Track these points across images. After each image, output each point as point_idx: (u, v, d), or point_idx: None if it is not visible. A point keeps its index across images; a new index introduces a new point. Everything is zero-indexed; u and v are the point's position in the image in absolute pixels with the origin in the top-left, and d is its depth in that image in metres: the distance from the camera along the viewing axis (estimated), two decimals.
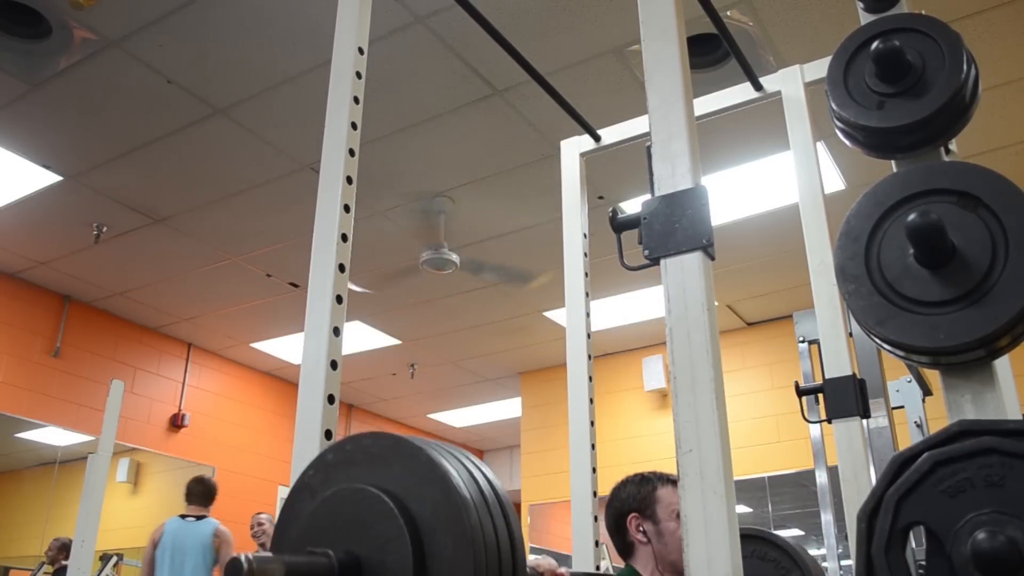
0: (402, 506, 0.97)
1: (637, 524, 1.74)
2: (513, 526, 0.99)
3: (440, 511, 0.95)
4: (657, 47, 1.24)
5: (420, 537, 0.95)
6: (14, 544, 6.49)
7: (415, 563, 0.93)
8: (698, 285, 1.09)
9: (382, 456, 1.02)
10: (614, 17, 3.43)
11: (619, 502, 1.79)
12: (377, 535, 0.97)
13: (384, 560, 0.96)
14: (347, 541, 0.99)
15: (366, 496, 0.99)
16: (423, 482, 0.97)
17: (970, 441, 0.91)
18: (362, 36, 1.75)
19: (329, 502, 1.03)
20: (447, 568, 0.93)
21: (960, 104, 1.21)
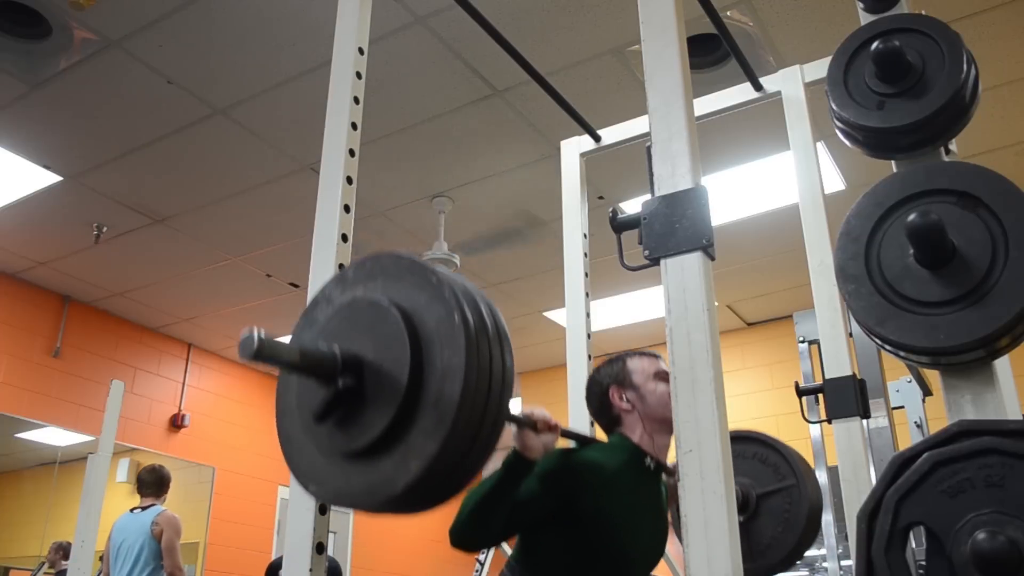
0: (407, 318, 1.05)
1: (619, 394, 1.82)
2: (507, 356, 1.08)
3: (442, 326, 1.03)
4: (657, 47, 1.24)
5: (420, 345, 1.03)
6: (14, 544, 6.48)
7: (412, 366, 1.02)
8: (698, 285, 1.09)
9: (397, 273, 1.11)
10: (614, 17, 3.43)
11: (597, 384, 1.87)
12: (381, 339, 1.06)
13: (384, 361, 1.05)
14: (354, 342, 1.08)
15: (377, 306, 1.08)
16: (431, 300, 1.05)
17: (970, 441, 0.91)
18: (362, 36, 1.75)
19: (343, 310, 1.13)
20: (440, 376, 1.01)
21: (960, 104, 1.21)
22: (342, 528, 7.63)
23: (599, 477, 1.68)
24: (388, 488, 1.02)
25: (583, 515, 1.64)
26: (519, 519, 1.61)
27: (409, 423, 1.02)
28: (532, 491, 1.60)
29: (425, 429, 1.00)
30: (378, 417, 1.04)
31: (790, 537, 2.12)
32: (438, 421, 0.99)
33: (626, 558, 1.69)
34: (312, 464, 1.12)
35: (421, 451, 1.00)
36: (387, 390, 1.04)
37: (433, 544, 8.44)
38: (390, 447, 1.03)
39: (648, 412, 1.79)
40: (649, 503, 1.78)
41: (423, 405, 1.01)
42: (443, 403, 0.99)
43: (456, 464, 1.02)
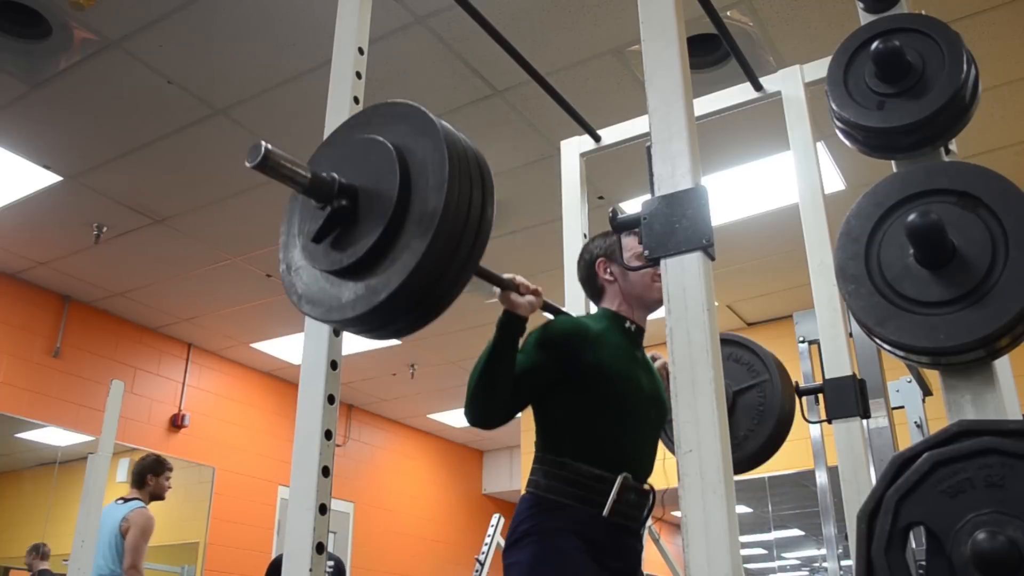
0: (399, 151, 1.20)
1: (605, 267, 1.93)
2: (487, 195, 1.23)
3: (428, 157, 1.18)
4: (657, 47, 1.24)
5: (409, 174, 1.19)
6: (14, 544, 6.48)
7: (400, 190, 1.17)
8: (698, 285, 1.09)
9: (395, 116, 1.27)
10: (614, 17, 3.43)
11: (588, 253, 1.98)
12: (375, 169, 1.22)
13: (376, 188, 1.20)
14: (353, 173, 1.24)
15: (372, 143, 1.24)
16: (421, 135, 1.21)
17: (970, 441, 0.91)
18: (362, 36, 1.75)
19: (345, 149, 1.29)
20: (423, 202, 1.16)
21: (960, 104, 1.21)
22: (342, 528, 7.64)
23: (588, 335, 1.78)
24: (373, 298, 1.15)
25: (583, 370, 1.73)
26: (526, 387, 1.70)
27: (394, 241, 1.16)
28: (532, 358, 1.72)
29: (408, 244, 1.14)
30: (367, 234, 1.18)
31: (764, 428, 2.25)
32: (420, 237, 1.13)
33: (629, 403, 1.77)
34: (308, 285, 1.26)
35: (403, 264, 1.13)
36: (376, 211, 1.18)
37: (433, 544, 8.45)
38: (377, 262, 1.17)
39: (627, 288, 1.89)
40: (639, 361, 1.87)
41: (408, 225, 1.15)
42: (425, 221, 1.13)
43: (435, 278, 1.16)
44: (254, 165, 1.12)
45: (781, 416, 2.26)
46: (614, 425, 1.74)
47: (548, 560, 1.62)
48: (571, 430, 1.73)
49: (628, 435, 1.76)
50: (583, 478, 1.69)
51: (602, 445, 1.72)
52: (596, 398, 1.73)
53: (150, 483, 4.34)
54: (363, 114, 1.34)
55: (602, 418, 1.73)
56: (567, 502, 1.67)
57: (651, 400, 1.83)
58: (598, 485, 1.68)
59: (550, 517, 1.67)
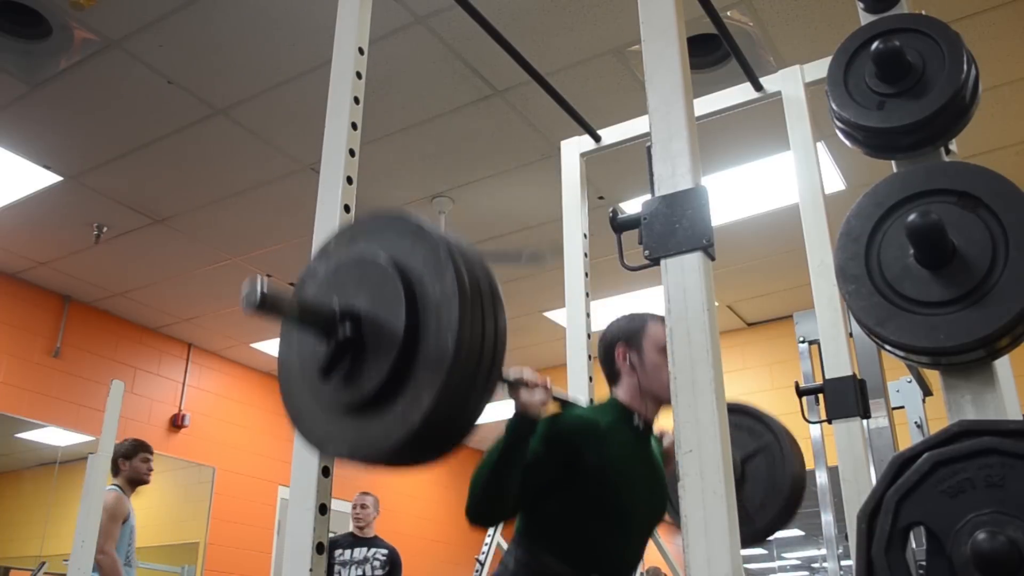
0: (404, 273, 1.11)
1: (623, 353, 1.84)
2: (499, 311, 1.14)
3: (429, 262, 1.10)
4: (657, 47, 1.24)
5: (416, 300, 1.09)
6: (14, 544, 6.48)
7: (407, 320, 1.07)
8: (698, 285, 1.09)
9: (381, 228, 1.19)
10: (614, 17, 3.43)
11: (610, 334, 1.89)
12: (374, 286, 1.12)
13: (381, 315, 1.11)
14: (352, 296, 1.14)
15: (374, 262, 1.15)
16: (414, 243, 1.13)
17: (970, 441, 0.91)
18: (362, 36, 1.75)
19: (342, 265, 1.20)
20: (435, 328, 1.06)
21: (960, 104, 1.21)
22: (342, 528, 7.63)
23: (594, 432, 1.71)
24: (387, 440, 1.06)
25: (584, 471, 1.67)
26: (529, 484, 1.63)
27: (406, 375, 1.06)
28: (536, 454, 1.63)
29: (422, 381, 1.05)
30: (376, 370, 1.08)
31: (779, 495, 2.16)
32: (434, 373, 1.04)
33: (627, 511, 1.72)
34: (315, 421, 1.17)
35: (418, 403, 1.04)
36: (384, 342, 1.08)
37: (433, 544, 8.44)
38: (389, 400, 1.07)
39: (645, 383, 1.81)
40: (643, 457, 1.81)
41: (420, 358, 1.06)
42: (439, 355, 1.04)
43: (454, 414, 1.07)
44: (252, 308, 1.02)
45: (795, 481, 2.16)
46: (605, 531, 1.69)
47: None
48: (560, 527, 1.69)
49: (617, 538, 1.71)
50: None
51: (586, 548, 1.68)
52: (593, 501, 1.68)
53: (124, 468, 4.18)
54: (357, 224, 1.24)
55: (595, 522, 1.68)
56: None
57: (651, 500, 1.79)
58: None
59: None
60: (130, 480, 4.22)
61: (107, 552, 3.90)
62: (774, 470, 2.17)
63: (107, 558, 3.89)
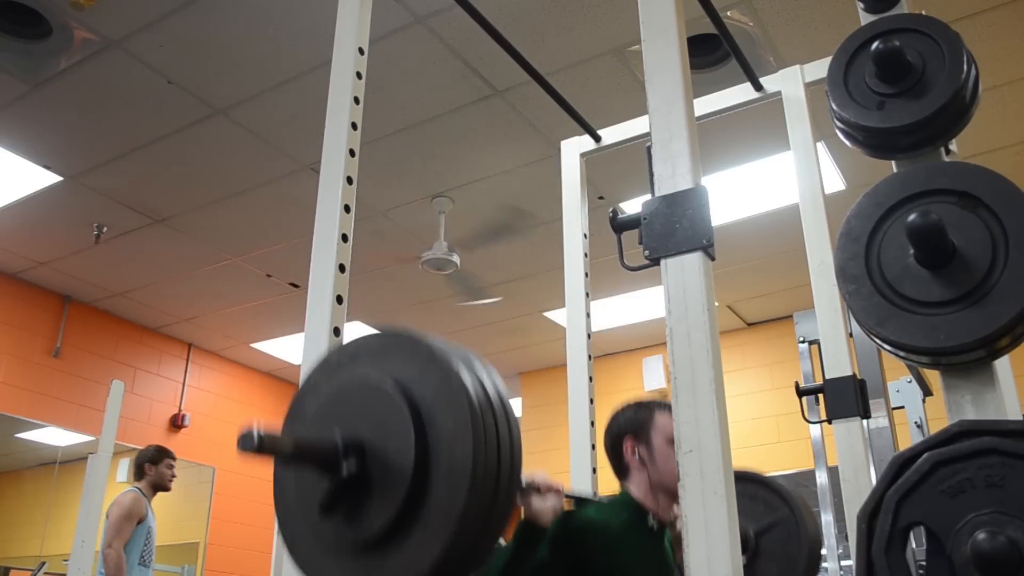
0: (404, 389, 1.00)
1: (632, 447, 1.78)
2: (513, 426, 1.02)
3: (440, 393, 0.98)
4: (657, 47, 1.24)
5: (421, 416, 0.98)
6: (14, 544, 6.48)
7: (417, 455, 0.96)
8: (698, 285, 1.09)
9: (385, 349, 1.07)
10: (614, 17, 3.43)
11: (616, 426, 1.84)
12: (380, 416, 1.01)
13: (387, 438, 1.00)
14: (352, 424, 1.03)
15: (370, 383, 1.03)
16: (424, 368, 1.01)
17: (970, 441, 0.91)
18: (362, 36, 1.75)
19: (342, 389, 1.08)
20: (447, 442, 0.96)
21: (960, 104, 1.21)
22: None
23: (605, 537, 1.66)
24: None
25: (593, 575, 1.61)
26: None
27: (419, 508, 0.97)
28: (543, 558, 1.57)
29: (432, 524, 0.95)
30: (385, 505, 0.98)
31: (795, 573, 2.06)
32: (445, 515, 0.94)
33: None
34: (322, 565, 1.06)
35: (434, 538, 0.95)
36: (391, 480, 0.98)
37: None
38: (401, 536, 0.97)
39: (656, 476, 1.75)
40: (656, 560, 1.75)
41: (430, 498, 0.96)
42: (451, 497, 0.94)
43: (471, 545, 0.97)
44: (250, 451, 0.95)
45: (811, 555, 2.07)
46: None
47: None
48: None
49: None
50: None
51: None
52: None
53: (149, 472, 4.32)
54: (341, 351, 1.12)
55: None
56: None
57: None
58: None
59: None
60: (153, 485, 4.34)
61: (114, 547, 3.99)
62: (789, 545, 2.09)
63: (113, 552, 3.99)
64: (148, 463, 4.33)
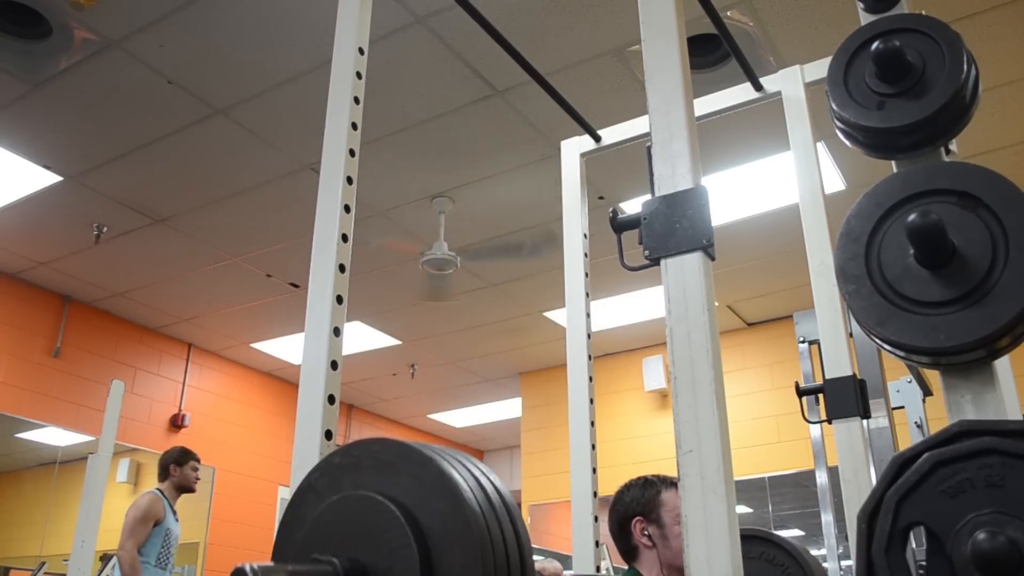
0: (410, 516, 0.94)
1: (642, 528, 1.75)
2: (521, 536, 0.97)
3: (449, 523, 0.93)
4: (657, 47, 1.24)
5: (428, 548, 0.93)
6: (14, 544, 6.48)
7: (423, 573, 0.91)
8: (698, 285, 1.09)
9: (391, 463, 0.99)
10: (614, 17, 3.43)
11: (623, 506, 1.80)
12: (384, 544, 0.94)
13: (391, 569, 0.93)
14: (353, 549, 0.96)
15: (374, 504, 0.96)
16: (432, 493, 0.95)
17: (970, 441, 0.91)
18: (362, 36, 1.75)
19: (335, 508, 1.01)
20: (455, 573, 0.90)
21: (960, 104, 1.21)
22: None
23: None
24: None
25: None
26: None
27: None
28: None
29: None
30: None
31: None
32: None
33: None
34: None
35: None
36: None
37: None
38: None
39: (668, 557, 1.73)
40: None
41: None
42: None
43: None
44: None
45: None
46: None
47: None
48: None
49: None
50: None
51: None
52: None
53: (174, 473, 4.34)
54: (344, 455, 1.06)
55: None
56: None
57: None
58: None
59: None
60: (178, 486, 4.37)
61: (126, 549, 4.00)
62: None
63: (126, 554, 3.99)
64: (173, 464, 4.35)
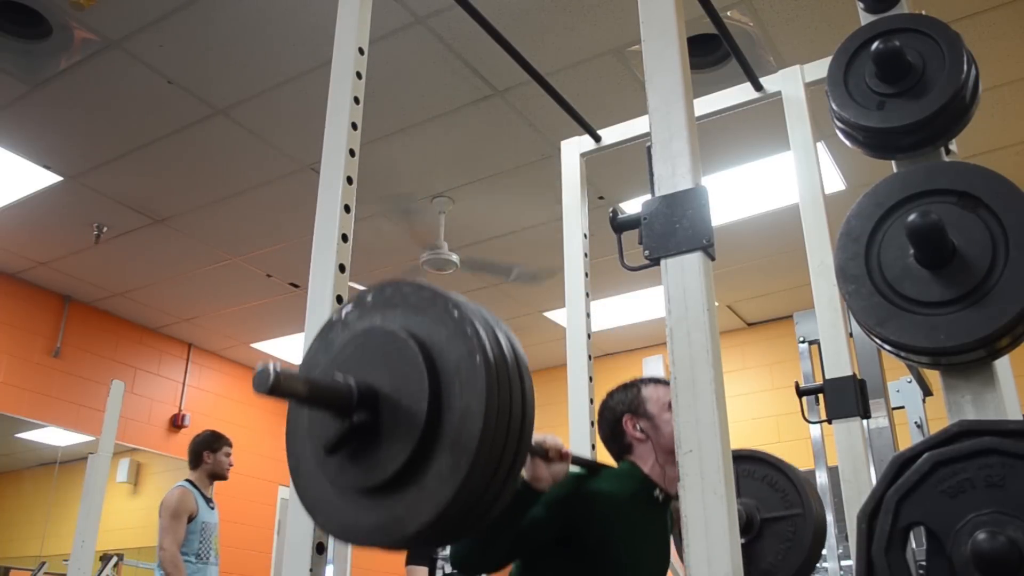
0: (427, 354, 1.01)
1: (633, 423, 1.82)
2: (527, 394, 1.04)
3: (463, 366, 0.99)
4: (657, 47, 1.24)
5: (439, 384, 1.00)
6: (14, 544, 6.48)
7: (430, 405, 0.98)
8: (698, 285, 1.09)
9: (417, 305, 1.07)
10: (614, 17, 3.43)
11: (610, 410, 1.87)
12: (399, 375, 1.02)
13: (401, 398, 1.01)
14: (371, 375, 1.04)
15: (396, 338, 1.04)
16: (452, 335, 1.01)
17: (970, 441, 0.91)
18: (362, 36, 1.75)
19: (360, 338, 1.09)
20: (459, 419, 0.97)
21: (960, 104, 1.21)
22: None
23: (608, 508, 1.67)
24: (399, 529, 0.99)
25: (588, 544, 1.63)
26: (524, 545, 1.59)
27: (424, 464, 0.98)
28: (539, 517, 1.58)
29: (440, 472, 0.97)
30: (392, 455, 1.00)
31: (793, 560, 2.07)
32: (455, 465, 0.96)
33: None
34: (321, 496, 1.09)
35: (435, 495, 0.96)
36: (403, 428, 1.00)
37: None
38: (403, 487, 0.99)
39: (662, 443, 1.78)
40: (654, 534, 1.77)
41: (440, 447, 0.97)
42: (461, 446, 0.96)
43: (471, 507, 0.99)
44: (264, 391, 0.98)
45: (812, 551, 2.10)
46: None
47: None
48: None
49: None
50: None
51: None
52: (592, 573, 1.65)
53: (207, 460, 4.11)
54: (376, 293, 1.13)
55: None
56: None
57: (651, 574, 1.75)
58: None
59: None
60: (211, 474, 4.16)
61: (165, 547, 3.85)
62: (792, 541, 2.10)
63: (166, 553, 3.84)
64: (207, 451, 4.10)
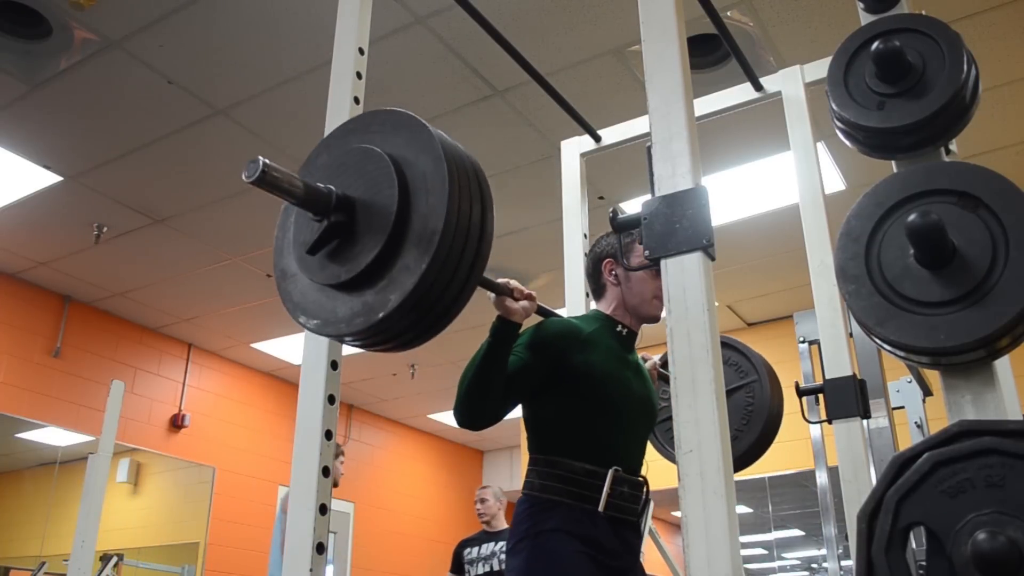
0: (398, 167, 1.19)
1: (611, 268, 1.93)
2: (486, 202, 1.23)
3: (429, 176, 1.17)
4: (657, 47, 1.24)
5: (408, 192, 1.17)
6: (14, 544, 6.48)
7: (399, 209, 1.15)
8: (698, 285, 1.09)
9: (393, 127, 1.25)
10: (614, 17, 3.43)
11: (599, 248, 1.97)
12: (373, 185, 1.19)
13: (374, 204, 1.18)
14: (349, 186, 1.22)
15: (371, 155, 1.21)
16: (422, 151, 1.19)
17: (970, 441, 0.91)
18: (362, 36, 1.75)
19: (341, 156, 1.26)
20: (424, 218, 1.14)
21: (960, 104, 1.21)
22: (342, 528, 7.64)
23: (579, 337, 1.79)
24: (371, 315, 1.14)
25: (572, 371, 1.74)
26: (516, 388, 1.71)
27: (393, 259, 1.15)
28: (523, 359, 1.72)
29: (407, 265, 1.13)
30: (366, 250, 1.16)
31: (754, 428, 2.26)
32: (419, 256, 1.12)
33: (621, 406, 1.79)
34: (304, 295, 1.25)
35: (402, 284, 1.12)
36: (375, 228, 1.16)
37: (433, 544, 8.44)
38: (375, 279, 1.15)
39: (627, 297, 1.89)
40: (629, 363, 1.88)
41: (407, 243, 1.14)
42: (425, 241, 1.12)
43: (434, 299, 1.15)
44: (251, 180, 1.11)
45: (770, 416, 2.28)
46: (604, 423, 1.76)
47: (543, 567, 1.64)
48: (561, 429, 1.76)
49: (617, 432, 1.78)
50: (575, 474, 1.70)
51: (592, 442, 1.74)
52: (585, 398, 1.75)
53: None
54: (360, 120, 1.31)
55: (591, 417, 1.75)
56: (561, 499, 1.69)
57: (640, 400, 1.85)
58: (590, 480, 1.70)
59: (545, 517, 1.68)
60: None
61: None
62: (752, 406, 2.29)
63: None
64: None
